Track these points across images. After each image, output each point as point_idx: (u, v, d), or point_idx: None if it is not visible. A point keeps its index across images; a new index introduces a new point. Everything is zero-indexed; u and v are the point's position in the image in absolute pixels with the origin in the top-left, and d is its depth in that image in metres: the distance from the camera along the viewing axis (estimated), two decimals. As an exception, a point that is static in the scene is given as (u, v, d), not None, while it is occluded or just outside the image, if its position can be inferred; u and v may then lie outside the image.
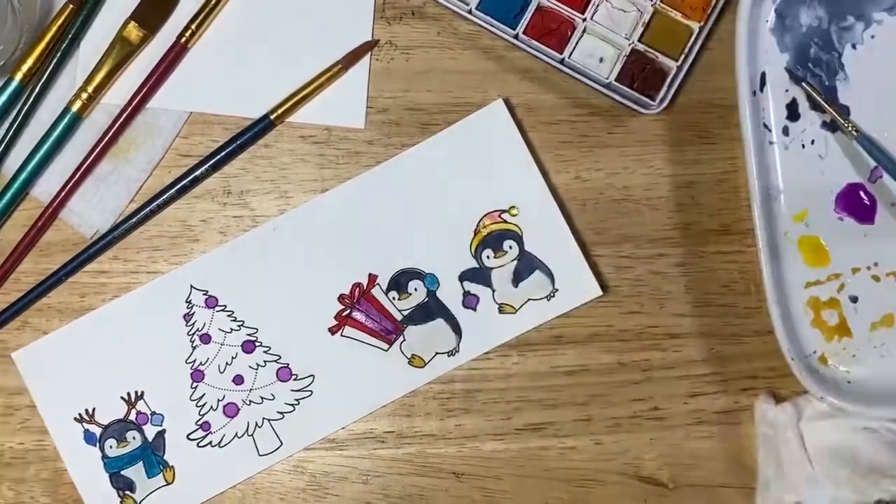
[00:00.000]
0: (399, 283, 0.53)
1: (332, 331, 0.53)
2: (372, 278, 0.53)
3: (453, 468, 0.53)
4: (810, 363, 0.52)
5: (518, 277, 0.53)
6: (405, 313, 0.53)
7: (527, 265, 0.53)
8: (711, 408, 0.54)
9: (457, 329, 0.53)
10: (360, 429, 0.53)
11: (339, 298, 0.53)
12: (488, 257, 0.53)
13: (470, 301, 0.53)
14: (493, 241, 0.53)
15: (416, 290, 0.53)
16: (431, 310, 0.53)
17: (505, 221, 0.53)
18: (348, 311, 0.53)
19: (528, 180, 0.53)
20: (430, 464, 0.53)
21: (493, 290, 0.53)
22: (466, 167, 0.53)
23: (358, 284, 0.53)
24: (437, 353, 0.53)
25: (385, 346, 0.53)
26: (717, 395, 0.54)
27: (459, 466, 0.53)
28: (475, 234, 0.53)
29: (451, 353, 0.53)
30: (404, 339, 0.53)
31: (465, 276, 0.53)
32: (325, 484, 0.53)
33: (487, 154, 0.53)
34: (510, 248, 0.53)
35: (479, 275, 0.53)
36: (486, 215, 0.53)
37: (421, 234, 0.53)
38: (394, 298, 0.53)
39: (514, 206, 0.53)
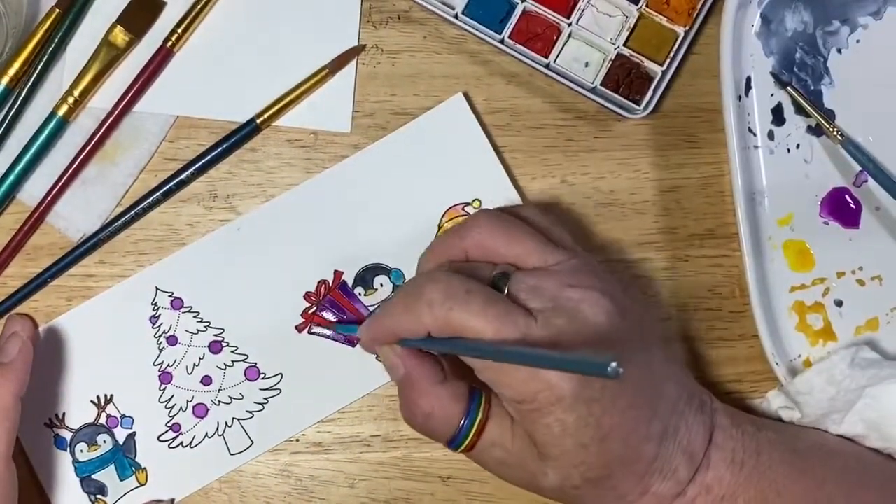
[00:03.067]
0: (365, 278, 0.53)
1: (299, 329, 0.53)
2: (338, 275, 0.53)
3: (439, 472, 0.53)
4: (795, 367, 0.52)
5: None
6: (372, 309, 0.53)
7: None
8: (697, 411, 0.54)
9: None
10: (346, 433, 0.53)
11: (304, 296, 0.53)
12: None
13: None
14: None
15: (381, 285, 0.53)
16: None
17: (468, 214, 0.53)
18: (314, 308, 0.53)
19: (490, 173, 0.53)
20: (417, 467, 0.53)
21: None
22: (428, 162, 0.53)
23: (324, 281, 0.53)
24: None
25: (352, 343, 0.53)
26: (702, 399, 0.54)
27: (445, 470, 0.53)
28: (439, 228, 0.53)
29: None
30: None
31: None
32: (311, 488, 0.53)
33: (448, 148, 0.53)
34: None
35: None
36: (449, 209, 0.53)
37: (385, 230, 0.53)
38: (360, 294, 0.53)
39: (476, 199, 0.53)
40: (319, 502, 0.53)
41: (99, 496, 0.52)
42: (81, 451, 0.52)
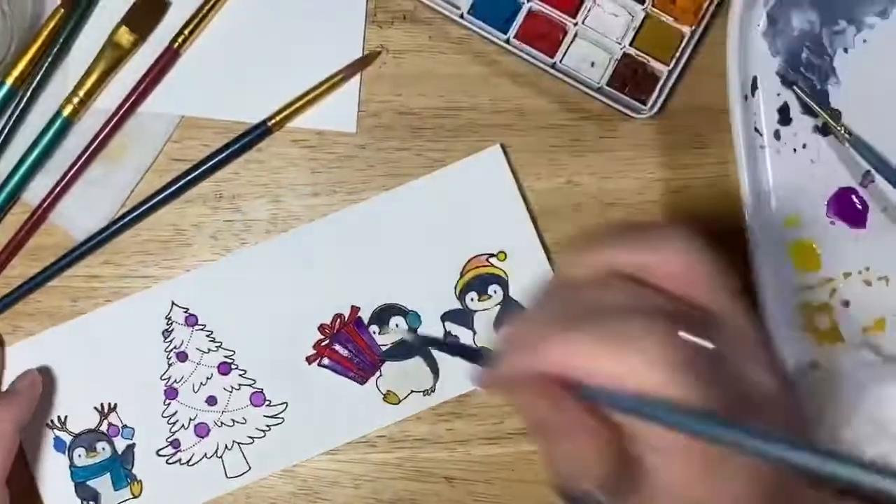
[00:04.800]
0: (381, 317, 0.53)
1: (310, 360, 0.52)
2: (354, 310, 0.52)
3: (445, 472, 0.53)
4: (802, 369, 0.52)
5: (500, 322, 0.53)
6: (384, 349, 0.52)
7: (510, 311, 0.53)
8: (703, 412, 0.53)
9: (434, 369, 0.53)
10: (351, 433, 0.53)
11: (319, 328, 0.52)
12: (472, 300, 0.53)
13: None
14: (478, 284, 0.53)
15: (397, 325, 0.52)
16: (411, 348, 0.53)
17: (492, 266, 0.53)
18: (327, 341, 0.52)
19: (519, 228, 0.53)
20: (422, 468, 0.53)
21: (475, 333, 0.53)
22: (459, 209, 0.53)
23: (339, 315, 0.53)
24: (412, 392, 0.52)
25: (361, 380, 0.52)
26: (708, 400, 0.53)
27: (451, 471, 0.53)
28: (461, 276, 0.53)
29: (426, 393, 0.52)
30: (381, 375, 0.52)
31: (447, 317, 0.53)
32: (316, 488, 0.53)
33: (481, 198, 0.53)
34: (495, 292, 0.53)
35: (462, 316, 0.53)
36: (473, 258, 0.53)
37: (407, 271, 0.52)
38: (374, 332, 0.52)
39: (502, 252, 0.53)
40: (324, 503, 0.53)
41: (91, 503, 0.52)
42: (80, 455, 0.52)
